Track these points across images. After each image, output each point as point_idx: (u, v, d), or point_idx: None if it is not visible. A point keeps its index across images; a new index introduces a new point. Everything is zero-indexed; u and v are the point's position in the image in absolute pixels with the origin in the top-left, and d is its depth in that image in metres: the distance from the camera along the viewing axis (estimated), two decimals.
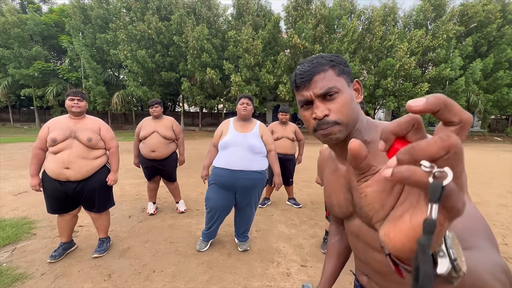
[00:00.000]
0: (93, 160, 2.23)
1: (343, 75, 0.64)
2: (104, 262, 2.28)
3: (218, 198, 2.35)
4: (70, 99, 2.17)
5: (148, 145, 3.11)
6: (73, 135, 2.13)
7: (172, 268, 2.22)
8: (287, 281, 2.08)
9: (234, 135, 2.30)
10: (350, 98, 0.62)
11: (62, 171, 2.08)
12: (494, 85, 15.35)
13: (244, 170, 2.25)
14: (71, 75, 15.66)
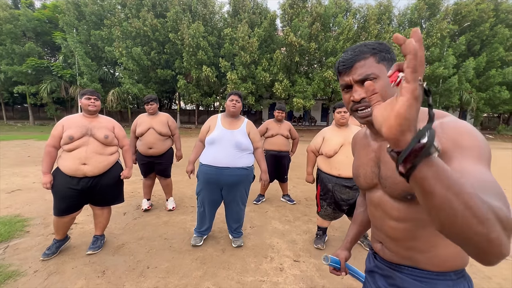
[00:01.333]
0: (109, 156, 2.32)
1: (384, 61, 0.68)
2: (98, 259, 2.29)
3: (206, 194, 2.39)
4: (86, 98, 2.24)
5: (145, 142, 3.14)
6: (89, 133, 2.20)
7: (166, 264, 2.24)
8: (279, 275, 2.12)
9: (222, 132, 2.32)
10: (388, 83, 0.66)
11: (80, 167, 2.15)
12: (487, 84, 15.58)
13: (230, 167, 2.27)
14: (66, 72, 15.45)
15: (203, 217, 2.51)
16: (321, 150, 2.45)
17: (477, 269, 2.27)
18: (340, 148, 2.33)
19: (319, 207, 2.54)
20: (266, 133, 3.65)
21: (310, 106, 15.26)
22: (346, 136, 2.37)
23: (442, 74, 14.35)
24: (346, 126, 2.45)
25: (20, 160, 6.49)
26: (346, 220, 3.03)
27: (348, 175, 2.29)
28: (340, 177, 2.31)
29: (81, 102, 2.25)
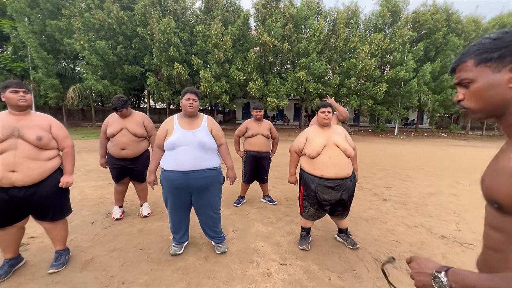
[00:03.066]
0: (45, 162, 1.93)
1: (487, 63, 0.65)
2: (63, 278, 2.02)
3: (175, 200, 2.21)
4: (13, 91, 1.84)
5: (117, 143, 2.83)
6: (17, 134, 1.82)
7: (145, 277, 2.05)
8: (268, 281, 2.05)
9: (181, 134, 2.13)
10: (488, 86, 0.65)
11: (6, 174, 1.77)
12: (441, 87, 17.15)
13: (197, 169, 2.11)
14: (16, 65, 13.75)
15: (177, 224, 2.34)
16: (304, 150, 2.42)
17: (448, 259, 2.42)
18: (323, 149, 2.31)
19: (301, 208, 2.52)
20: (246, 133, 3.56)
21: (283, 106, 15.47)
22: (329, 136, 2.36)
23: (403, 77, 15.46)
24: (329, 126, 2.45)
25: None
26: (328, 220, 3.07)
27: (330, 176, 2.28)
28: (323, 177, 2.30)
29: (6, 97, 1.85)
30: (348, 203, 2.44)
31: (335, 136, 2.36)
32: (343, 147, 2.31)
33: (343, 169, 2.30)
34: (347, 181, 2.34)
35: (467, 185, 5.15)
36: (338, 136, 2.37)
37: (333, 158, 2.30)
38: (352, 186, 2.40)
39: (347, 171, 2.32)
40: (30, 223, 2.08)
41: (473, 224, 3.27)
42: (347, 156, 2.33)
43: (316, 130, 2.46)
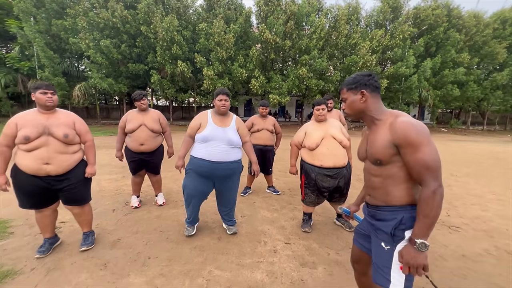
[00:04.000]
0: (72, 155, 2.20)
1: (350, 90, 1.28)
2: (96, 254, 2.33)
3: (196, 185, 2.47)
4: (42, 93, 2.06)
5: (136, 139, 3.10)
6: (47, 132, 2.05)
7: (167, 253, 2.35)
8: (274, 256, 2.35)
9: (214, 129, 2.41)
10: (351, 101, 1.28)
11: (42, 167, 2.03)
12: (441, 82, 17.26)
13: (224, 161, 2.41)
14: (23, 65, 14.04)
15: (191, 207, 2.60)
16: (304, 143, 2.68)
17: (436, 239, 2.70)
18: (321, 141, 2.58)
19: (303, 195, 2.78)
20: (252, 128, 3.84)
21: (285, 102, 15.70)
22: (326, 130, 2.63)
23: (404, 73, 15.61)
24: (325, 121, 2.72)
25: None
26: (328, 207, 3.36)
27: (329, 165, 2.55)
28: (322, 167, 2.56)
29: (36, 97, 2.07)
30: (344, 190, 2.71)
31: (332, 129, 2.63)
32: (339, 138, 2.59)
33: (340, 159, 2.57)
34: (343, 170, 2.61)
35: (461, 177, 5.41)
36: (334, 129, 2.64)
37: (331, 149, 2.57)
38: (348, 175, 2.68)
39: (344, 160, 2.60)
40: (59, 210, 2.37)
41: (462, 210, 3.55)
42: (343, 146, 2.61)
43: (314, 124, 2.73)
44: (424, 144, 1.04)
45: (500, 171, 6.29)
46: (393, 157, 1.12)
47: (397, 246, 1.11)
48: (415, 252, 1.03)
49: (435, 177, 1.02)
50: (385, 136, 1.13)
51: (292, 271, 2.13)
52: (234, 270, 2.13)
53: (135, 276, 2.02)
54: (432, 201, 1.01)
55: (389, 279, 1.11)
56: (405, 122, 1.08)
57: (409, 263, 1.04)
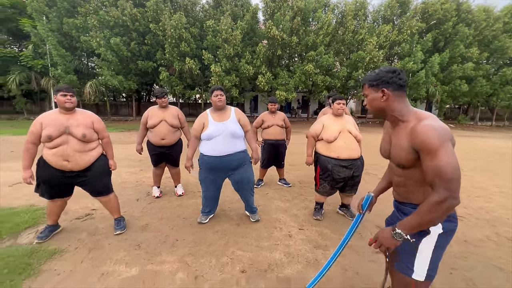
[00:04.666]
0: (90, 152, 2.39)
1: (371, 87, 1.23)
2: (129, 236, 2.58)
3: (210, 178, 2.70)
4: (62, 95, 2.24)
5: (157, 134, 3.35)
6: (67, 131, 2.24)
7: (192, 236, 2.60)
8: (290, 240, 2.57)
9: (216, 126, 2.59)
10: (371, 99, 1.23)
11: (63, 163, 2.25)
12: (449, 78, 17.11)
13: (230, 153, 2.60)
14: (36, 63, 14.45)
15: (208, 199, 2.84)
16: (321, 136, 2.87)
17: None
18: (339, 134, 2.77)
19: (318, 185, 2.97)
20: (262, 125, 4.02)
21: (292, 98, 15.82)
22: (343, 124, 2.81)
23: (411, 68, 15.53)
24: (342, 116, 2.90)
25: (5, 155, 6.30)
26: (338, 198, 3.56)
27: (345, 157, 2.73)
28: (339, 158, 2.75)
29: (57, 99, 2.24)
30: (357, 179, 2.89)
31: (348, 124, 2.83)
32: (355, 133, 2.78)
33: (355, 151, 2.77)
34: (357, 161, 2.80)
35: (466, 171, 5.54)
36: (350, 124, 2.84)
37: (347, 143, 2.76)
38: (361, 166, 2.87)
39: (358, 153, 2.79)
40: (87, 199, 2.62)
41: (466, 202, 3.71)
42: (357, 141, 2.80)
43: (331, 118, 2.90)
44: (440, 151, 0.99)
45: (506, 166, 6.38)
46: (416, 162, 1.11)
47: (423, 240, 1.14)
48: (390, 236, 1.09)
49: (448, 187, 0.96)
50: (406, 141, 1.12)
51: (307, 252, 2.36)
52: (254, 251, 2.36)
53: (167, 255, 2.27)
54: (436, 209, 0.98)
55: (412, 268, 1.18)
56: (426, 126, 1.04)
57: (379, 240, 1.14)
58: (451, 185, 0.96)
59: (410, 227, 1.05)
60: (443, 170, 0.97)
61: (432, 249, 1.15)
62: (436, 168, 0.99)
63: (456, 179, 0.97)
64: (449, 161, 0.98)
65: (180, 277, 1.99)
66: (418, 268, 1.17)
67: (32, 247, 2.33)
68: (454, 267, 2.18)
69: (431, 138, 1.01)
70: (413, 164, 1.12)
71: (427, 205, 1.00)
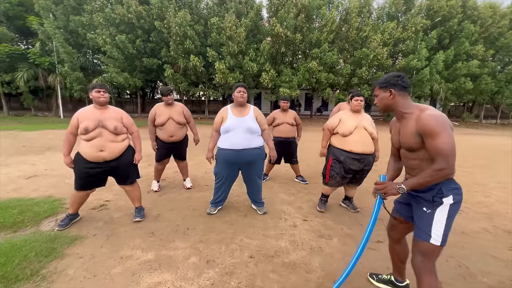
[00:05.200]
0: (121, 142, 2.64)
1: (380, 88, 1.55)
2: (143, 225, 2.74)
3: (226, 171, 2.85)
4: (97, 91, 2.52)
5: (166, 131, 3.50)
6: (101, 124, 2.50)
7: (202, 226, 2.75)
8: (294, 230, 2.71)
9: (234, 120, 2.74)
10: (381, 98, 1.55)
11: (98, 153, 2.49)
12: (454, 75, 17.03)
13: (246, 148, 2.73)
14: (44, 60, 14.68)
15: (220, 190, 2.98)
16: (336, 129, 2.97)
17: None
18: (354, 129, 2.87)
19: (327, 177, 3.05)
20: (273, 123, 4.11)
21: (295, 96, 15.89)
22: (359, 120, 2.90)
23: (415, 66, 15.51)
24: (359, 113, 2.99)
25: (18, 150, 6.51)
26: (342, 193, 3.69)
27: (358, 151, 2.84)
28: (352, 152, 2.86)
29: (92, 95, 2.53)
30: (366, 173, 3.01)
31: (364, 121, 2.92)
32: (370, 130, 2.88)
33: (368, 147, 2.88)
34: (369, 157, 2.91)
35: (468, 168, 5.62)
36: (366, 122, 2.92)
37: (362, 138, 2.86)
38: (372, 161, 2.97)
39: (371, 148, 2.90)
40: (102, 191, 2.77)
41: (466, 197, 3.72)
42: (372, 138, 2.91)
43: (349, 114, 3.00)
44: (440, 133, 1.27)
45: (508, 163, 6.45)
46: (421, 144, 1.37)
47: (437, 209, 1.38)
48: (394, 188, 1.41)
49: (447, 161, 1.26)
50: (412, 128, 1.39)
51: (311, 241, 2.50)
52: (261, 239, 2.51)
53: (179, 242, 2.43)
54: (434, 174, 1.29)
55: (430, 234, 1.39)
56: (428, 115, 1.32)
57: (386, 188, 1.44)
58: (449, 159, 1.27)
59: (411, 185, 1.37)
60: (443, 148, 1.27)
61: (446, 217, 1.37)
62: (437, 147, 1.28)
63: (452, 155, 1.28)
64: (447, 140, 1.27)
65: (193, 261, 2.14)
66: (435, 233, 1.38)
67: (54, 234, 2.49)
68: (450, 255, 2.31)
69: (433, 124, 1.30)
70: (420, 146, 1.39)
71: (429, 171, 1.30)
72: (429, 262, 1.43)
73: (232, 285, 1.87)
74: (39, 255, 2.14)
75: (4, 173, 4.43)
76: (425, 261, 1.43)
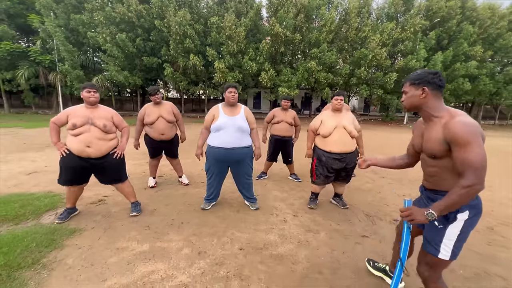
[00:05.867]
0: (109, 141, 2.69)
1: (412, 85, 1.39)
2: (139, 219, 2.86)
3: (216, 168, 2.95)
4: (87, 91, 2.58)
5: (157, 130, 3.58)
6: (90, 122, 2.56)
7: (196, 220, 2.87)
8: (285, 225, 2.83)
9: (225, 119, 2.81)
10: (411, 95, 1.40)
11: (84, 149, 2.53)
12: (452, 76, 17.10)
13: (235, 147, 2.82)
14: (44, 58, 14.78)
15: (212, 187, 3.08)
16: (318, 131, 3.07)
17: None
18: (333, 130, 2.96)
19: (314, 176, 3.18)
20: (272, 120, 4.18)
21: (294, 95, 15.98)
22: (339, 120, 2.99)
23: (414, 66, 15.57)
24: (340, 111, 3.07)
25: (18, 147, 6.63)
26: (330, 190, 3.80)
27: (337, 151, 2.94)
28: (332, 152, 2.97)
29: (83, 95, 2.59)
30: (350, 171, 3.12)
31: (344, 121, 2.99)
32: (349, 129, 2.96)
33: (348, 146, 2.97)
34: (350, 155, 3.01)
35: None
36: (346, 121, 3.00)
37: (341, 138, 2.95)
38: (354, 159, 3.07)
39: (351, 147, 3.00)
40: (100, 187, 2.89)
41: None
42: (352, 137, 3.00)
43: (329, 114, 3.08)
44: (471, 144, 1.14)
45: (501, 163, 6.56)
46: (447, 153, 1.26)
47: (449, 226, 1.30)
48: (422, 214, 1.22)
49: (477, 175, 1.12)
50: (439, 134, 1.26)
51: (299, 235, 2.61)
52: (251, 233, 2.62)
53: (174, 235, 2.54)
54: (464, 192, 1.14)
55: (438, 249, 1.34)
56: (459, 122, 1.19)
57: (412, 215, 1.25)
58: (479, 173, 1.13)
59: (441, 209, 1.19)
60: (473, 160, 1.13)
61: (458, 233, 1.31)
62: (467, 159, 1.14)
63: (483, 168, 1.14)
64: (479, 152, 1.13)
65: (186, 252, 2.26)
66: (443, 249, 1.34)
67: (54, 226, 2.61)
68: None
69: (463, 133, 1.16)
70: (445, 155, 1.27)
71: (457, 190, 1.16)
72: (436, 273, 1.40)
73: (221, 274, 1.99)
74: (39, 245, 2.26)
75: (5, 169, 4.55)
76: (431, 271, 1.41)
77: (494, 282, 2.01)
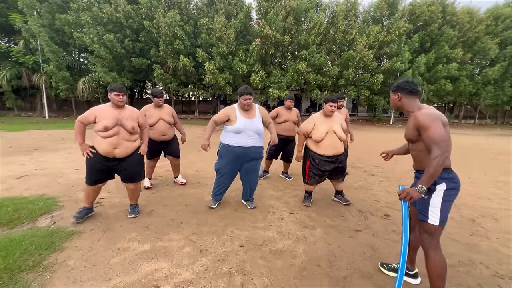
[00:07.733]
0: (134, 142, 2.83)
1: (392, 92, 1.84)
2: (138, 220, 2.88)
3: (229, 167, 3.05)
4: (116, 95, 2.66)
5: (158, 131, 3.66)
6: (120, 123, 2.67)
7: (195, 220, 2.92)
8: (281, 222, 2.92)
9: (245, 122, 2.92)
10: (392, 99, 1.86)
11: (112, 150, 2.65)
12: (435, 77, 17.79)
13: (253, 146, 2.99)
14: (28, 59, 14.26)
15: (222, 186, 3.17)
16: (311, 134, 3.19)
17: None
18: (326, 135, 3.10)
19: (307, 177, 3.29)
20: (276, 119, 4.19)
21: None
22: (331, 125, 3.13)
23: (399, 68, 16.11)
24: (331, 116, 3.21)
25: (4, 150, 6.42)
26: (324, 188, 3.93)
27: (330, 154, 3.10)
28: (325, 155, 3.12)
29: (111, 97, 2.67)
30: (343, 169, 3.28)
31: (335, 125, 3.14)
32: (339, 134, 3.12)
33: (338, 149, 3.14)
34: (341, 156, 3.19)
35: None
36: (336, 125, 3.15)
37: (332, 142, 3.11)
38: (345, 158, 3.25)
39: (341, 150, 3.17)
40: None
41: None
42: (341, 140, 3.16)
43: (322, 118, 3.21)
44: (431, 127, 1.53)
45: (482, 160, 6.92)
46: (417, 137, 1.65)
47: (433, 195, 1.63)
48: (415, 191, 1.54)
49: (439, 146, 1.48)
50: (412, 123, 1.68)
51: (296, 231, 2.72)
52: (250, 231, 2.70)
53: (174, 234, 2.59)
54: (433, 163, 1.48)
55: (427, 215, 1.65)
56: (422, 113, 1.61)
57: (409, 192, 1.55)
58: (441, 145, 1.49)
59: (426, 181, 1.52)
60: (434, 137, 1.51)
61: (441, 201, 1.61)
62: (430, 137, 1.53)
63: (444, 141, 1.50)
64: (438, 131, 1.52)
65: (187, 250, 2.31)
66: (431, 215, 1.64)
67: (52, 229, 2.60)
68: None
69: (425, 120, 1.57)
70: (417, 139, 1.67)
71: (430, 163, 1.50)
72: (433, 239, 1.67)
73: (224, 270, 2.06)
74: (38, 248, 2.25)
75: None
76: (429, 238, 1.68)
77: (478, 270, 2.17)
